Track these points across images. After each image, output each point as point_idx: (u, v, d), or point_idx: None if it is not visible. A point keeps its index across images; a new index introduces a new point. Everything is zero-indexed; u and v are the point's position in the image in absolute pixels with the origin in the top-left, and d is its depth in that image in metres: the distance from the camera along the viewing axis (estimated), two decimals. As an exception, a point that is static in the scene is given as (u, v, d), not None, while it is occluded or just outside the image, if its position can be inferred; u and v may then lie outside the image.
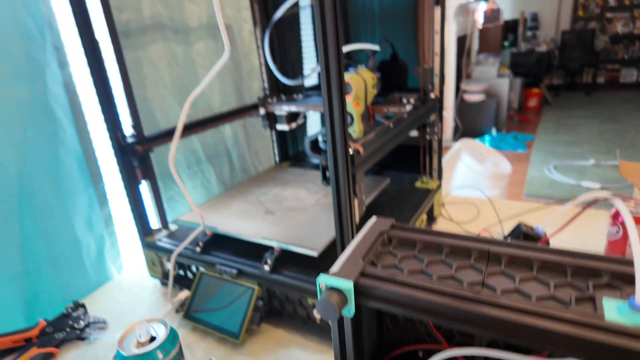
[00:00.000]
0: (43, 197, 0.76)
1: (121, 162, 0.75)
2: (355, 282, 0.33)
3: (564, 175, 3.09)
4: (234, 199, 0.85)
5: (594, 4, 6.19)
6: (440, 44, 0.86)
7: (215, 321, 0.66)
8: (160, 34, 0.99)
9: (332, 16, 0.46)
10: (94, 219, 0.86)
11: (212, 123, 0.97)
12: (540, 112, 5.01)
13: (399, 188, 0.97)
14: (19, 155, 0.72)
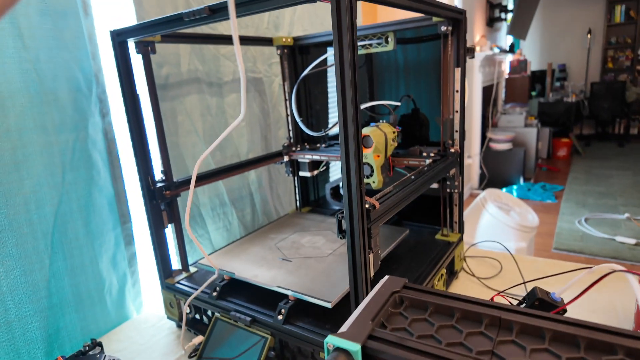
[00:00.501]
0: (74, 236, 0.80)
1: (149, 206, 0.79)
2: (363, 345, 0.33)
3: (596, 229, 2.96)
4: (253, 244, 0.87)
5: (624, 57, 6.18)
6: (460, 102, 0.88)
7: (227, 370, 0.66)
8: (196, 86, 1.06)
9: (351, 82, 0.49)
10: (119, 258, 0.89)
11: (238, 170, 1.01)
12: (570, 162, 4.89)
13: (418, 239, 0.96)
14: (57, 196, 0.77)
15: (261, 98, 1.27)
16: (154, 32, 0.67)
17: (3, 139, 0.70)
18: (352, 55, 0.48)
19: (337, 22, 0.47)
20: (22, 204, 0.72)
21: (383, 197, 0.63)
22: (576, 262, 2.60)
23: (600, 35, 6.27)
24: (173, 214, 0.83)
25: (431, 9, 0.72)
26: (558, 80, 6.34)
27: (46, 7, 0.74)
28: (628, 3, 5.97)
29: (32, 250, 0.74)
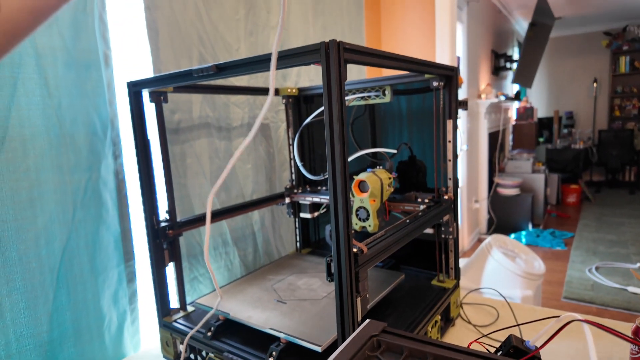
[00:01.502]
0: (79, 271, 0.83)
1: (152, 244, 0.83)
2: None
3: (607, 278, 2.89)
4: (251, 284, 0.89)
5: (631, 105, 6.25)
6: (452, 152, 0.92)
7: (216, 411, 0.67)
8: (206, 131, 1.12)
9: (339, 135, 0.54)
10: (120, 295, 0.91)
11: (242, 210, 1.05)
12: (580, 209, 4.84)
13: (415, 285, 0.97)
14: (66, 233, 0.81)
15: (267, 142, 1.33)
16: (166, 84, 0.74)
17: (22, 178, 0.75)
18: (340, 113, 0.53)
19: (327, 84, 0.52)
20: (33, 239, 0.77)
21: (373, 241, 0.66)
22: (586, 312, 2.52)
23: (606, 85, 6.39)
24: (174, 253, 0.86)
25: (423, 68, 0.77)
26: (565, 127, 6.41)
27: (71, 59, 0.81)
28: (632, 54, 6.12)
29: (39, 284, 0.77)
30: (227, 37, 1.17)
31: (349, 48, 0.53)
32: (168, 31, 1.01)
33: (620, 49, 6.14)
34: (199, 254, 1.11)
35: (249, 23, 1.25)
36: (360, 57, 0.56)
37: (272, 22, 1.34)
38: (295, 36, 1.46)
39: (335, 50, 0.51)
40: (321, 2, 1.62)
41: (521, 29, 5.76)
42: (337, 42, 0.51)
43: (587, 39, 6.44)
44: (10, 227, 0.74)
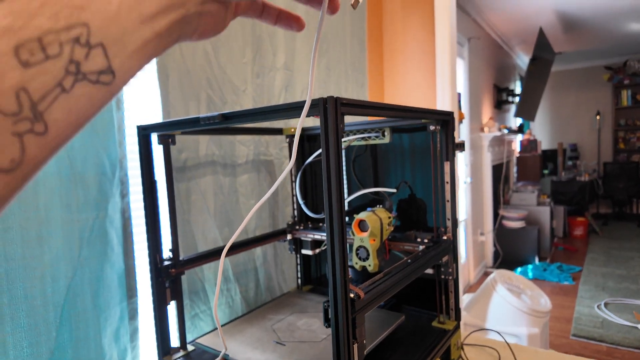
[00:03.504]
0: (83, 309, 0.85)
1: (154, 283, 0.84)
2: None
3: (617, 315, 2.82)
4: (251, 324, 0.90)
5: (635, 138, 6.28)
6: (450, 193, 0.94)
7: None
8: (211, 168, 1.16)
9: (336, 180, 0.56)
10: (122, 332, 0.92)
11: (245, 247, 1.06)
12: (588, 242, 4.78)
13: (415, 325, 0.97)
14: (71, 270, 0.83)
15: (271, 178, 1.36)
16: (173, 129, 0.77)
17: (31, 216, 0.78)
18: (337, 165, 0.55)
19: (325, 135, 0.55)
20: (39, 277, 0.78)
21: (370, 284, 0.67)
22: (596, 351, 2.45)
23: (609, 117, 6.45)
24: (176, 291, 0.87)
25: (418, 115, 0.81)
26: (570, 160, 6.42)
27: (86, 104, 0.86)
28: (634, 88, 6.20)
29: (42, 322, 0.79)
30: (234, 80, 1.22)
31: (345, 103, 0.56)
32: (178, 75, 1.06)
33: (622, 82, 6.23)
34: (200, 291, 1.12)
35: (255, 65, 1.31)
36: (357, 110, 0.59)
37: (277, 64, 1.40)
38: (299, 76, 1.52)
39: (332, 105, 0.54)
40: (325, 41, 1.69)
41: (522, 63, 5.89)
42: (334, 98, 0.54)
43: (589, 73, 6.55)
44: (18, 265, 0.76)
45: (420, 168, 1.35)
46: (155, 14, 0.22)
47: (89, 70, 0.20)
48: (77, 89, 0.20)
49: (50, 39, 0.18)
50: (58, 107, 0.19)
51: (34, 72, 0.18)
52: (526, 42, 4.91)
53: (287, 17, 0.33)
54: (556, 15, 4.15)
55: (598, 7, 3.96)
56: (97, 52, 0.20)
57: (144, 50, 0.22)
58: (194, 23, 0.26)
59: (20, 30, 0.18)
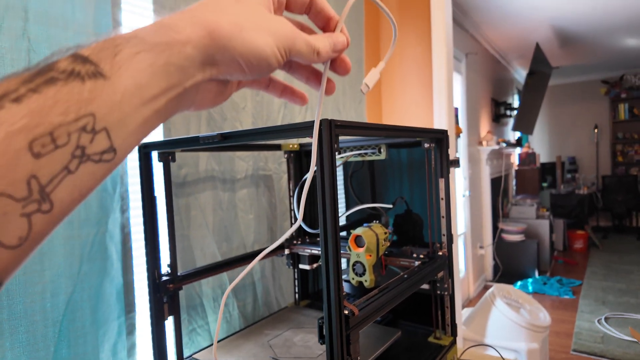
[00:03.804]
0: (81, 324, 0.85)
1: (152, 298, 0.85)
2: None
3: (618, 330, 2.81)
4: (247, 339, 0.90)
5: (633, 151, 6.31)
6: (445, 209, 0.96)
7: None
8: (211, 184, 1.18)
9: (330, 198, 0.58)
10: (119, 347, 0.93)
11: (242, 262, 1.07)
12: (588, 255, 4.77)
13: (411, 341, 0.97)
14: (71, 286, 0.84)
15: (270, 193, 1.38)
16: (174, 147, 0.79)
17: (33, 233, 0.79)
18: (331, 182, 0.57)
19: (319, 157, 0.57)
20: (39, 292, 0.80)
21: (365, 301, 0.68)
22: (596, 367, 2.42)
23: (607, 131, 6.49)
24: (174, 307, 0.88)
25: (412, 134, 0.83)
26: (569, 172, 6.44)
27: (88, 122, 0.88)
28: (631, 102, 6.25)
29: (41, 337, 0.79)
30: (234, 97, 1.25)
31: (339, 125, 0.58)
32: (178, 93, 1.08)
33: (619, 96, 6.29)
34: (198, 306, 1.13)
35: (254, 83, 1.33)
36: (351, 131, 0.61)
37: (276, 81, 1.42)
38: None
39: (327, 127, 0.56)
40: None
41: (520, 77, 5.95)
42: (328, 121, 0.56)
43: (586, 87, 6.61)
44: (19, 280, 0.77)
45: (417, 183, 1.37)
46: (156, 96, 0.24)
47: (93, 152, 0.21)
48: (82, 169, 0.21)
49: (60, 131, 0.20)
50: (63, 187, 0.21)
51: (44, 161, 0.20)
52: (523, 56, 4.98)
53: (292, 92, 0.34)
54: (552, 31, 4.21)
55: (594, 23, 4.03)
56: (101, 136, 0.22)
57: (144, 127, 0.24)
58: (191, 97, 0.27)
59: (35, 127, 0.19)
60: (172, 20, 0.25)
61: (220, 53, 0.25)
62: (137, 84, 0.23)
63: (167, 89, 0.24)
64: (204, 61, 0.25)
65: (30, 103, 0.20)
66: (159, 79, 0.24)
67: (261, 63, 0.26)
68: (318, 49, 0.30)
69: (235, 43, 0.25)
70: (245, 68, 0.26)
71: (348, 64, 0.33)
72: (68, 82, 0.21)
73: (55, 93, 0.20)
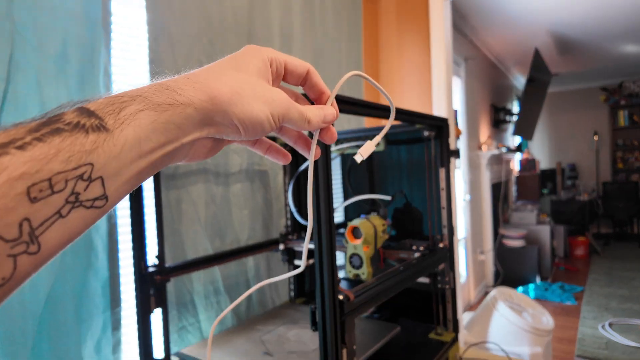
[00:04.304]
0: (63, 319, 0.81)
1: (138, 290, 0.81)
2: None
3: (622, 335, 2.75)
4: (240, 335, 0.86)
5: (633, 158, 6.28)
6: (446, 199, 0.92)
7: None
8: (203, 177, 1.14)
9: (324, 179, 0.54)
10: (104, 344, 0.88)
11: (235, 256, 1.03)
12: (589, 262, 4.72)
13: (411, 337, 0.93)
14: (52, 279, 0.80)
15: (265, 189, 1.34)
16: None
17: (13, 221, 0.75)
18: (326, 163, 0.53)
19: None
20: (18, 283, 0.75)
21: (362, 289, 0.64)
22: (601, 373, 2.35)
23: (607, 138, 6.47)
24: (161, 299, 0.84)
25: (412, 118, 0.79)
26: (569, 179, 6.41)
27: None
28: (630, 109, 6.25)
29: (19, 331, 0.75)
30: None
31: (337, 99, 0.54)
32: (170, 82, 1.05)
33: (618, 103, 6.29)
34: (188, 303, 1.08)
35: (249, 75, 1.30)
36: (347, 107, 0.58)
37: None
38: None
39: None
40: (321, 58, 1.69)
41: (519, 84, 5.96)
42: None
43: (585, 94, 6.62)
44: (-4, 270, 0.73)
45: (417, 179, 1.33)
46: (153, 150, 0.25)
47: (86, 198, 0.22)
48: (73, 214, 0.22)
49: (59, 178, 0.21)
50: (53, 230, 0.21)
51: (39, 206, 0.20)
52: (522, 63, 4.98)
53: (276, 151, 0.36)
54: (551, 37, 4.21)
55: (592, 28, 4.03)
56: (96, 184, 0.22)
57: (138, 177, 0.25)
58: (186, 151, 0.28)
59: (36, 173, 0.20)
60: (175, 84, 0.27)
61: (220, 116, 0.27)
62: (137, 138, 0.24)
63: (164, 144, 0.25)
64: (203, 121, 0.27)
65: (35, 151, 0.21)
66: (158, 135, 0.25)
67: (256, 127, 0.28)
68: (309, 118, 0.32)
69: (234, 109, 0.27)
70: (241, 131, 0.28)
71: (334, 135, 0.35)
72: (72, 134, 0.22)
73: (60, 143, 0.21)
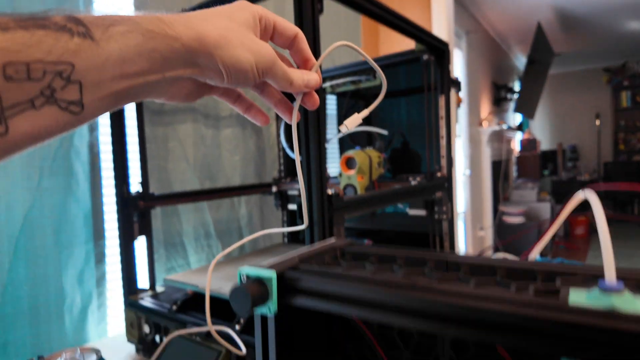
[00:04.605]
0: (41, 244, 0.77)
1: (121, 215, 0.77)
2: (281, 274, 0.29)
3: (622, 308, 2.73)
4: (229, 264, 0.82)
5: (636, 139, 6.22)
6: (445, 128, 0.88)
7: (173, 387, 0.58)
8: (192, 116, 1.09)
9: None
10: (87, 276, 0.84)
11: (225, 193, 0.99)
12: (589, 241, 4.70)
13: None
14: (29, 200, 0.76)
15: (257, 137, 1.29)
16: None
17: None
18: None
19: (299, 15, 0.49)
20: (-8, 202, 0.71)
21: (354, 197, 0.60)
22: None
23: (609, 119, 6.41)
24: (145, 227, 0.80)
25: (412, 32, 0.74)
26: (570, 161, 6.37)
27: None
28: (633, 89, 6.17)
29: (-6, 251, 0.71)
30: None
31: None
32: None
33: (621, 84, 6.20)
34: (178, 244, 1.05)
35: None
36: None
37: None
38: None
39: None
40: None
41: (521, 64, 5.88)
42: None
43: (587, 75, 6.54)
44: (-33, 185, 0.69)
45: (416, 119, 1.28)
46: (136, 74, 0.25)
47: (61, 98, 0.22)
48: (46, 110, 0.22)
49: (36, 66, 0.21)
50: (23, 118, 0.21)
51: (12, 86, 0.20)
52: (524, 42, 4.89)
53: (256, 111, 0.37)
54: (554, 12, 4.13)
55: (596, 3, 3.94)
56: (74, 87, 0.23)
57: (115, 99, 0.25)
58: (166, 88, 0.29)
59: (14, 53, 0.20)
60: (167, 18, 0.27)
61: (205, 58, 0.27)
62: (122, 57, 0.24)
63: (147, 72, 0.25)
64: (188, 60, 0.27)
65: (17, 35, 0.21)
66: (142, 61, 0.25)
67: (239, 75, 0.29)
68: (292, 79, 0.32)
69: (220, 52, 0.27)
70: (225, 76, 0.28)
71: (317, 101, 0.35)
72: (58, 33, 0.22)
73: (43, 35, 0.21)
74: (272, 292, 0.28)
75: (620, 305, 0.20)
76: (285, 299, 0.29)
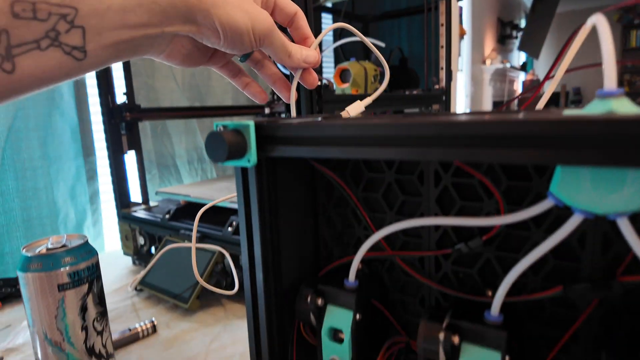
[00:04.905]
0: (28, 156, 0.76)
1: (108, 127, 0.74)
2: (259, 124, 0.27)
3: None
4: (223, 180, 0.82)
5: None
6: (445, 37, 0.83)
7: (167, 286, 0.59)
8: (177, 32, 1.04)
9: None
10: (79, 191, 0.84)
11: (215, 111, 0.96)
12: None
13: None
14: (12, 110, 0.73)
15: (250, 61, 1.24)
16: None
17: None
18: None
19: None
20: (-28, 112, 0.69)
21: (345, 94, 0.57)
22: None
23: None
24: (134, 140, 0.78)
25: None
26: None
27: None
28: (644, 28, 5.92)
29: (-20, 162, 0.70)
30: None
31: None
32: None
33: (632, 22, 5.94)
34: (171, 166, 1.04)
35: None
36: None
37: None
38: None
39: None
40: None
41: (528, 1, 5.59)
42: None
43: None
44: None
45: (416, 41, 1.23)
46: (136, 25, 0.25)
47: (65, 42, 0.23)
48: (51, 52, 0.23)
49: (42, 6, 0.22)
50: (29, 57, 0.22)
51: (19, 24, 0.21)
52: (534, -27, 4.60)
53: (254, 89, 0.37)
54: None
55: None
56: (77, 32, 0.23)
57: (116, 47, 0.25)
58: (164, 45, 0.29)
59: None
60: None
61: (203, 16, 0.27)
62: (123, 6, 0.24)
63: (147, 25, 0.26)
64: (186, 17, 0.27)
65: None
66: (143, 12, 0.25)
67: (235, 36, 0.28)
68: (291, 51, 0.32)
69: (217, 10, 0.27)
70: (221, 36, 0.28)
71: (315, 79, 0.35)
72: None
73: None
74: (250, 142, 0.27)
75: (619, 108, 0.19)
76: (265, 152, 0.28)
